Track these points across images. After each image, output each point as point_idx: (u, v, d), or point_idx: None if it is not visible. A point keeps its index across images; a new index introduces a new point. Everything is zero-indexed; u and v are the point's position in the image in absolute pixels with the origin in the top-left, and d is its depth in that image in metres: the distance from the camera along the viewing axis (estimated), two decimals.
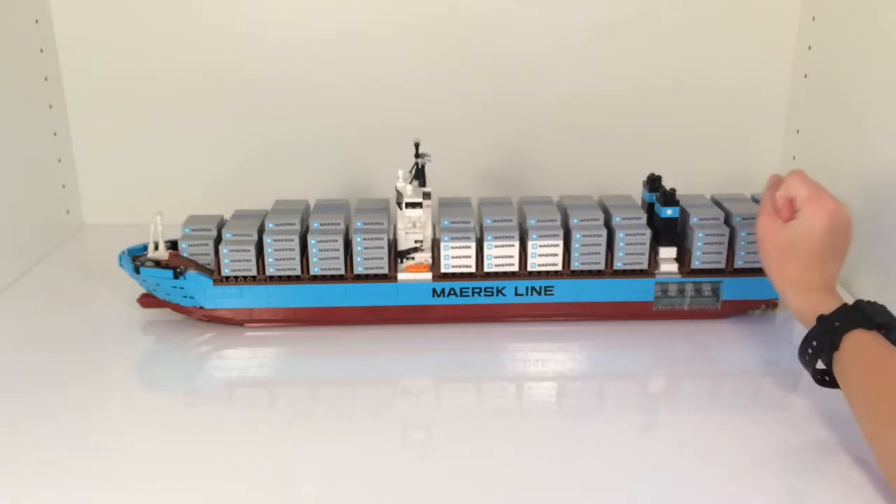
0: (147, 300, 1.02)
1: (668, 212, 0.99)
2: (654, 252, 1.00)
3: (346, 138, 1.33)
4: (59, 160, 1.30)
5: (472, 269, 0.99)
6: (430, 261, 1.00)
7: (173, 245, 1.02)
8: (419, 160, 0.98)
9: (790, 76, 1.31)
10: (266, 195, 1.08)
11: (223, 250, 0.97)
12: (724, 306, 1.02)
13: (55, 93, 1.28)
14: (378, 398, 0.89)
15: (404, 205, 0.98)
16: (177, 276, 0.97)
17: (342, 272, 0.98)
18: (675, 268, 1.01)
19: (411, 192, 0.98)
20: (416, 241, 0.99)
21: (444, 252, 0.99)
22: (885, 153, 1.05)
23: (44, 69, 1.25)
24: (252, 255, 0.98)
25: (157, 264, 0.99)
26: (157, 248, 1.01)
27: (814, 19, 1.24)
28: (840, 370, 0.75)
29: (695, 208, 1.01)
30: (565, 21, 1.28)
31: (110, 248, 1.07)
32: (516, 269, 0.99)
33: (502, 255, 0.99)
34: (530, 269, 0.99)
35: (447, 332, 1.00)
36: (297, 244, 0.97)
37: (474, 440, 0.80)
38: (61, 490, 0.72)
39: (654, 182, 1.03)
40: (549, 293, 1.00)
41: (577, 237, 0.98)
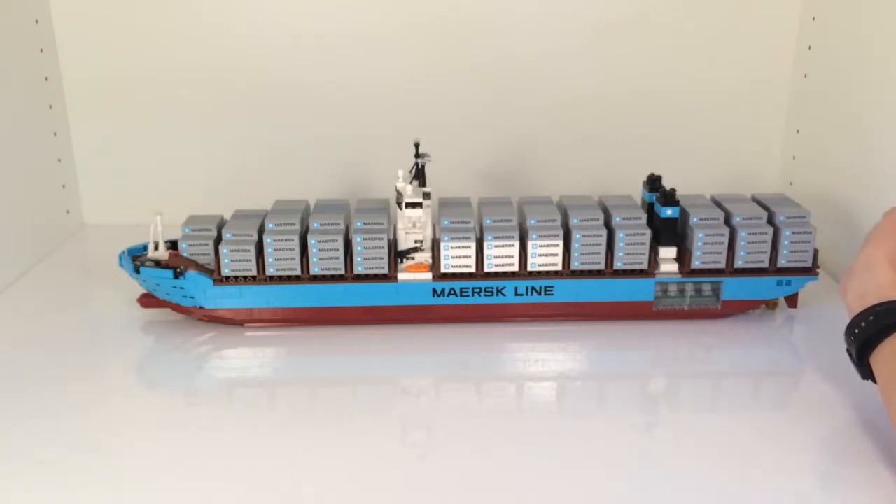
0: (147, 300, 1.02)
1: (668, 212, 0.99)
2: (654, 252, 1.00)
3: (346, 138, 1.33)
4: (59, 160, 1.30)
5: (472, 269, 0.99)
6: (430, 261, 1.00)
7: (173, 245, 1.02)
8: (419, 160, 0.98)
9: (790, 76, 1.30)
10: (266, 195, 1.08)
11: (223, 250, 0.97)
12: (724, 306, 1.02)
13: (55, 93, 1.28)
14: (378, 398, 0.89)
15: (404, 205, 0.98)
16: (177, 276, 0.97)
17: (342, 272, 0.98)
18: (675, 268, 1.01)
19: (411, 192, 0.98)
20: (416, 241, 0.99)
21: (444, 252, 0.99)
22: (885, 153, 1.05)
23: (44, 69, 1.25)
24: (252, 255, 0.98)
25: (157, 264, 0.99)
26: (157, 248, 1.01)
27: (814, 19, 1.24)
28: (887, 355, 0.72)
29: (695, 208, 1.01)
30: (565, 21, 1.28)
31: (110, 248, 1.07)
32: (516, 269, 0.99)
33: (502, 255, 0.99)
34: (530, 269, 0.99)
35: (447, 332, 1.00)
36: (297, 244, 0.97)
37: (474, 440, 0.80)
38: (61, 490, 0.72)
39: (654, 182, 1.03)
40: (549, 293, 1.00)
41: (577, 237, 0.98)
